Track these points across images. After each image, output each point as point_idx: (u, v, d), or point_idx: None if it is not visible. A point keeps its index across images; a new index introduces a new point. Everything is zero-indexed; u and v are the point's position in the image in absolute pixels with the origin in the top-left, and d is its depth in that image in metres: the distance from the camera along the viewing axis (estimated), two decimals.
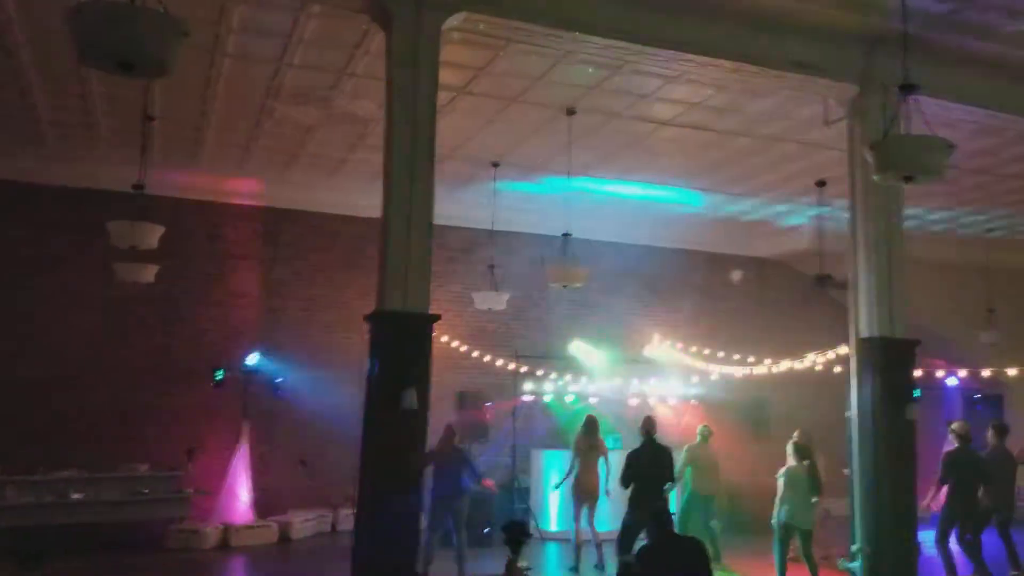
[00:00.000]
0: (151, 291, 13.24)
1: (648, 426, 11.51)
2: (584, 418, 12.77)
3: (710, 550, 11.59)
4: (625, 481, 11.08)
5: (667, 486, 11.34)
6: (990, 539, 11.20)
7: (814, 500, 10.71)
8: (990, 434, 11.73)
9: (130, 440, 13.55)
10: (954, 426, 11.61)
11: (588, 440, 12.36)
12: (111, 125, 12.22)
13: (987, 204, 15.15)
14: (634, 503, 10.91)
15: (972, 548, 10.91)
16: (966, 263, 16.78)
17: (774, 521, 10.48)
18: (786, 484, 10.41)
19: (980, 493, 11.13)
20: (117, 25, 5.05)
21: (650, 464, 11.09)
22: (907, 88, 7.18)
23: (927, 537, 10.77)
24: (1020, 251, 17.15)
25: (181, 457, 13.57)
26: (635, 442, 11.69)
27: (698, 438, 12.84)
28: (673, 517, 10.60)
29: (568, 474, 12.39)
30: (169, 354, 14.23)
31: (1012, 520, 11.39)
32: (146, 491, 12.94)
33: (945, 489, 10.99)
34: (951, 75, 9.40)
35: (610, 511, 12.42)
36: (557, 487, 12.92)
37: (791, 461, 10.51)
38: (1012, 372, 15.79)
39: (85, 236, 13.30)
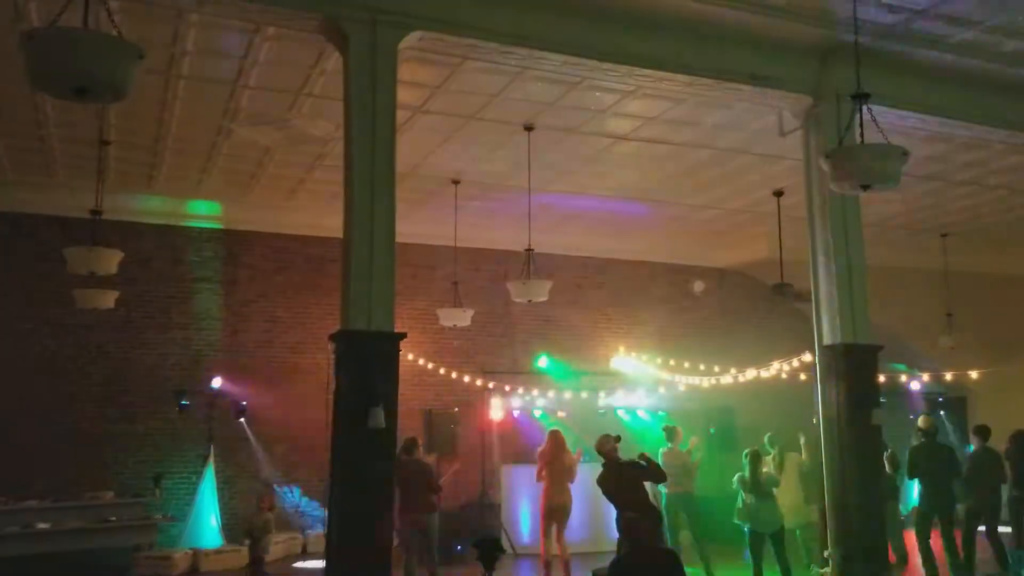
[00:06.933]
0: (112, 317, 13.18)
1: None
2: (548, 433, 12.31)
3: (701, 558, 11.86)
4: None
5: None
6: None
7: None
8: (972, 437, 11.92)
9: (95, 467, 13.43)
10: (919, 422, 11.76)
11: (554, 454, 11.87)
12: (66, 150, 12.09)
13: (940, 210, 15.37)
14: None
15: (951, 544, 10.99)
16: (924, 268, 16.97)
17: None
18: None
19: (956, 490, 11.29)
20: (71, 50, 5.02)
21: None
22: (860, 97, 7.22)
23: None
24: (976, 255, 17.38)
25: (147, 483, 13.44)
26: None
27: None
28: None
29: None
30: (132, 380, 14.07)
31: (998, 522, 11.36)
32: (112, 518, 12.71)
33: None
34: (903, 84, 9.54)
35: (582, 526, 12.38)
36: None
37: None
38: (974, 375, 16.03)
39: (43, 263, 13.15)
